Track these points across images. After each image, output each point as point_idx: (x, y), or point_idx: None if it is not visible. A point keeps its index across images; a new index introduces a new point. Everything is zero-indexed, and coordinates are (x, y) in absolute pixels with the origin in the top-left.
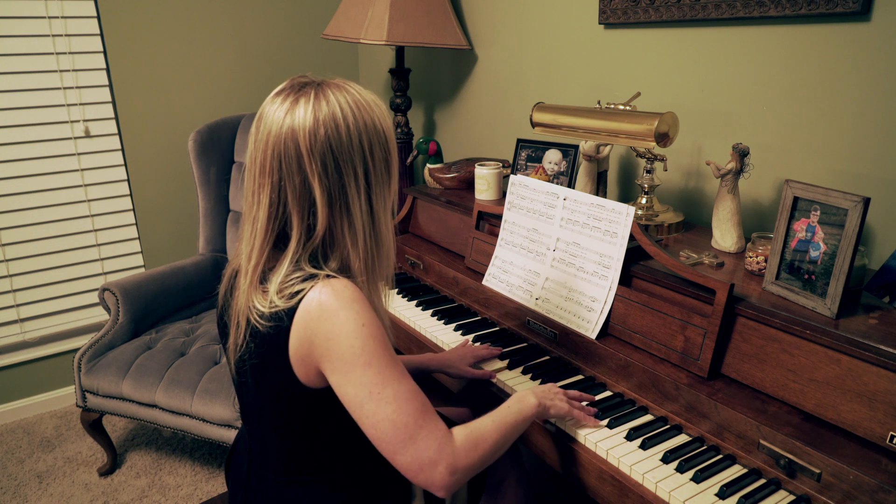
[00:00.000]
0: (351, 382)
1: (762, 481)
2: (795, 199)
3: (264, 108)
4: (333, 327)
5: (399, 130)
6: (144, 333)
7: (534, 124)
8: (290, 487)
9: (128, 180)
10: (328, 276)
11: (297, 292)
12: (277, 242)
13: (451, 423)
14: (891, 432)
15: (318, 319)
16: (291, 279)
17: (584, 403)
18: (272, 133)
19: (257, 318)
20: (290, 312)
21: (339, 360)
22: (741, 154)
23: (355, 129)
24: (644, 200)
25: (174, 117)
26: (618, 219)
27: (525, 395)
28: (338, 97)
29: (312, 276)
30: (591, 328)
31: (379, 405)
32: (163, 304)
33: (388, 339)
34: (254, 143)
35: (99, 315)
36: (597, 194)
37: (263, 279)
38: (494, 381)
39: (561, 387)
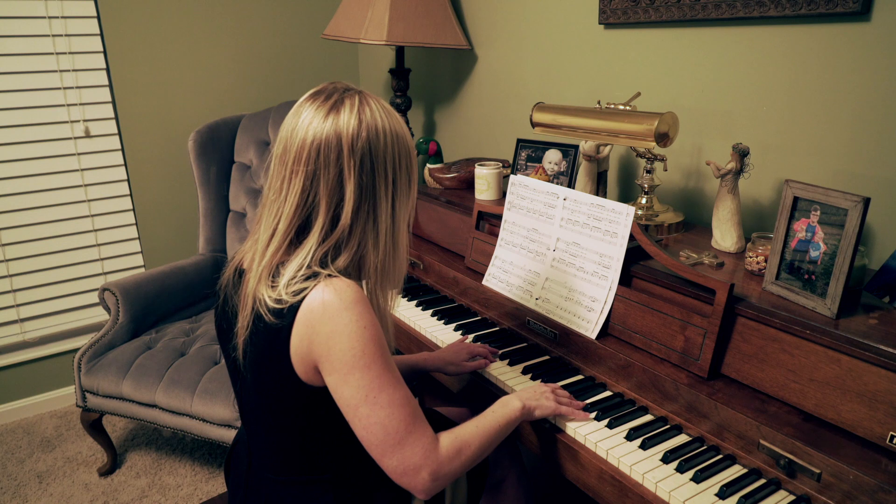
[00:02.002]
0: (348, 384)
1: (762, 481)
2: (795, 199)
3: (304, 105)
4: (335, 328)
5: None
6: (144, 333)
7: (534, 124)
8: (290, 487)
9: (128, 180)
10: (329, 275)
11: (301, 290)
12: (295, 237)
13: (451, 423)
14: (891, 432)
15: (321, 319)
16: (299, 275)
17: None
18: (314, 127)
19: (262, 309)
20: (293, 309)
21: (338, 362)
22: (741, 154)
23: (391, 138)
24: (644, 200)
25: (174, 117)
26: (618, 219)
27: (510, 399)
28: (377, 107)
29: (316, 275)
30: (590, 328)
31: (373, 409)
32: (163, 304)
33: (389, 342)
34: (290, 134)
35: (99, 315)
36: (597, 194)
37: (275, 273)
38: (494, 381)
39: (561, 387)
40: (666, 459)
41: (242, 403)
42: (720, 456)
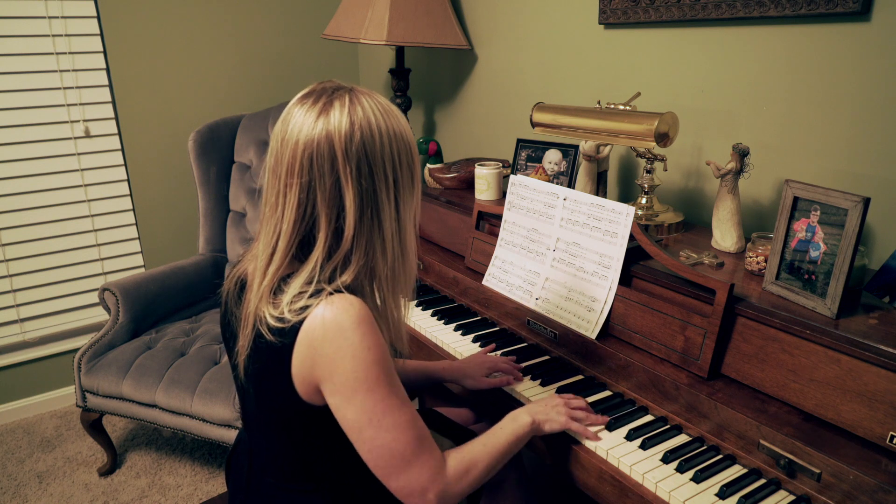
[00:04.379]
0: (352, 407)
1: (762, 481)
2: (795, 199)
3: (292, 110)
4: (339, 349)
5: None
6: (144, 333)
7: (534, 124)
8: (291, 495)
9: (128, 180)
10: (331, 293)
11: (305, 308)
12: (297, 251)
13: (451, 423)
14: (891, 432)
15: (323, 340)
16: (303, 292)
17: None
18: (304, 133)
19: (263, 328)
20: (295, 329)
21: (341, 384)
22: (741, 154)
23: (387, 135)
24: (644, 200)
25: (174, 117)
26: (618, 219)
27: (519, 413)
28: (370, 103)
29: (320, 292)
30: (591, 328)
31: (378, 432)
32: (163, 304)
33: (403, 351)
34: (280, 143)
35: (99, 315)
36: (597, 194)
37: (277, 289)
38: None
39: (561, 387)
40: (666, 459)
41: (244, 410)
42: (720, 456)
